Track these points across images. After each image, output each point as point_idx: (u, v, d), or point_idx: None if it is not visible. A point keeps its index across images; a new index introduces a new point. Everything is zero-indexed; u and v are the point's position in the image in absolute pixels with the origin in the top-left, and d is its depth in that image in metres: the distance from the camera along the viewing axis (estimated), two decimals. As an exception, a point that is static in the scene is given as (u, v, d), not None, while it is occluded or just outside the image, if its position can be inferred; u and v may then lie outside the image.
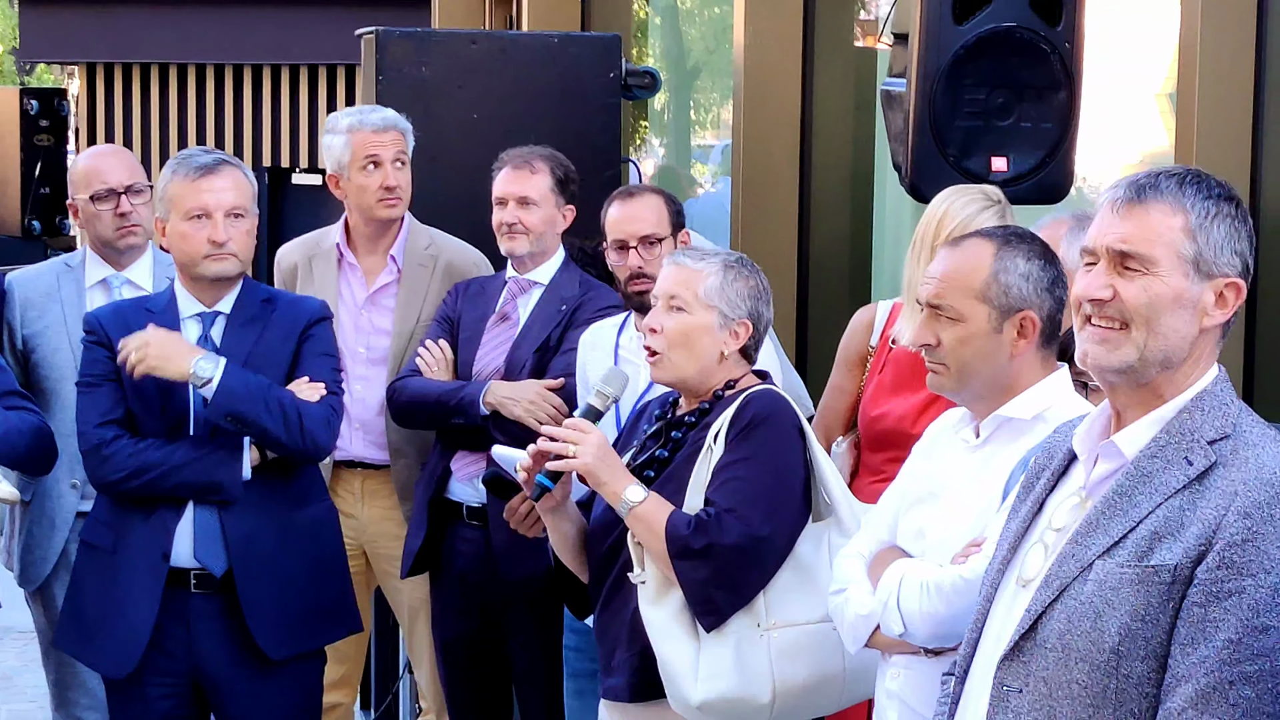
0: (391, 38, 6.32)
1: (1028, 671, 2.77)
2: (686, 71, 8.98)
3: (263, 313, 4.68)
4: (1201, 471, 2.66)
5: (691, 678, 3.86)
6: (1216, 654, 2.57)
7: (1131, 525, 2.68)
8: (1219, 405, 2.74)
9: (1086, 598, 2.69)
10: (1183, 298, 2.71)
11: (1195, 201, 2.73)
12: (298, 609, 4.64)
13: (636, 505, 3.90)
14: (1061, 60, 5.24)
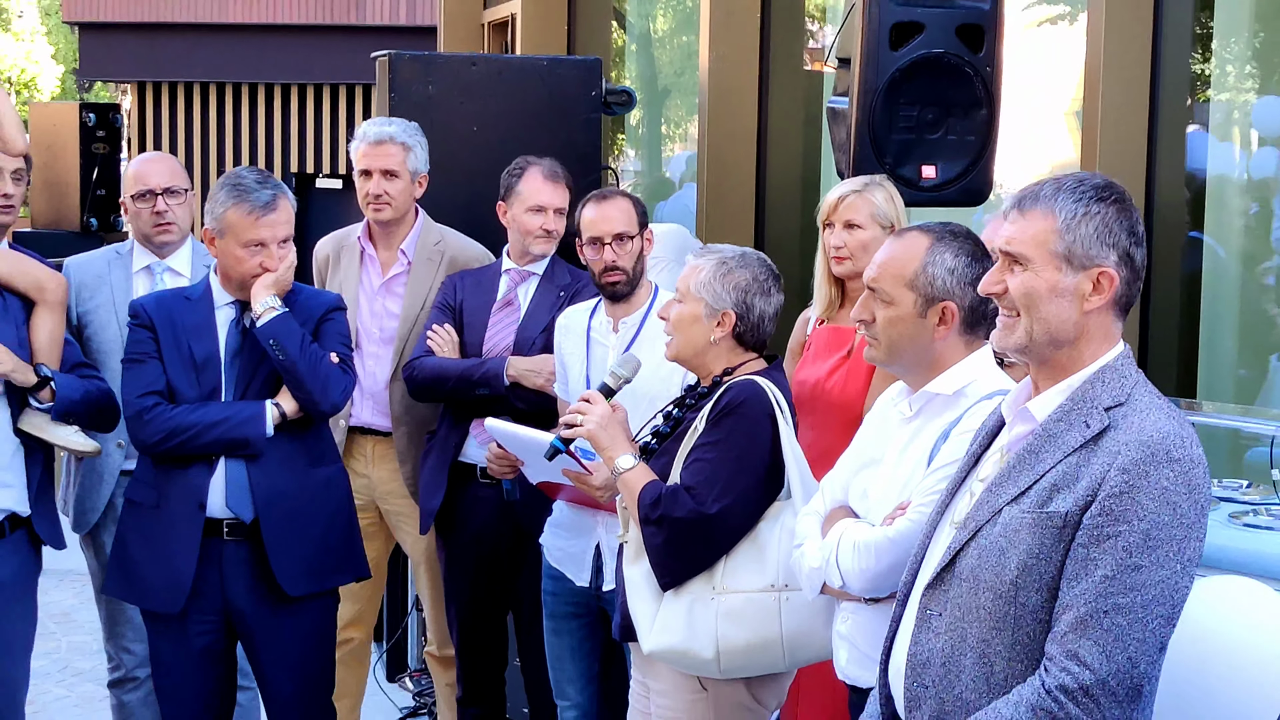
0: (402, 60, 6.31)
1: (946, 598, 2.87)
2: (658, 91, 8.96)
3: (286, 302, 4.67)
4: (1097, 433, 2.76)
5: (648, 629, 3.87)
6: (1095, 587, 2.67)
7: (1036, 478, 2.78)
8: (1118, 377, 2.83)
9: (994, 538, 2.79)
10: (1058, 287, 2.81)
11: (1065, 205, 2.82)
12: (313, 554, 4.65)
13: (624, 472, 3.91)
14: (983, 82, 5.24)
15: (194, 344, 4.63)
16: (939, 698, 2.83)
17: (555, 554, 4.94)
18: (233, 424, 4.55)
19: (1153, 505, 2.65)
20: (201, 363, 4.61)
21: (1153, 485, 2.66)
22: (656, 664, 3.98)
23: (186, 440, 4.54)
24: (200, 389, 4.60)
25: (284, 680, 4.74)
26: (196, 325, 4.65)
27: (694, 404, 4.05)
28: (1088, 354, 2.84)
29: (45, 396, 4.67)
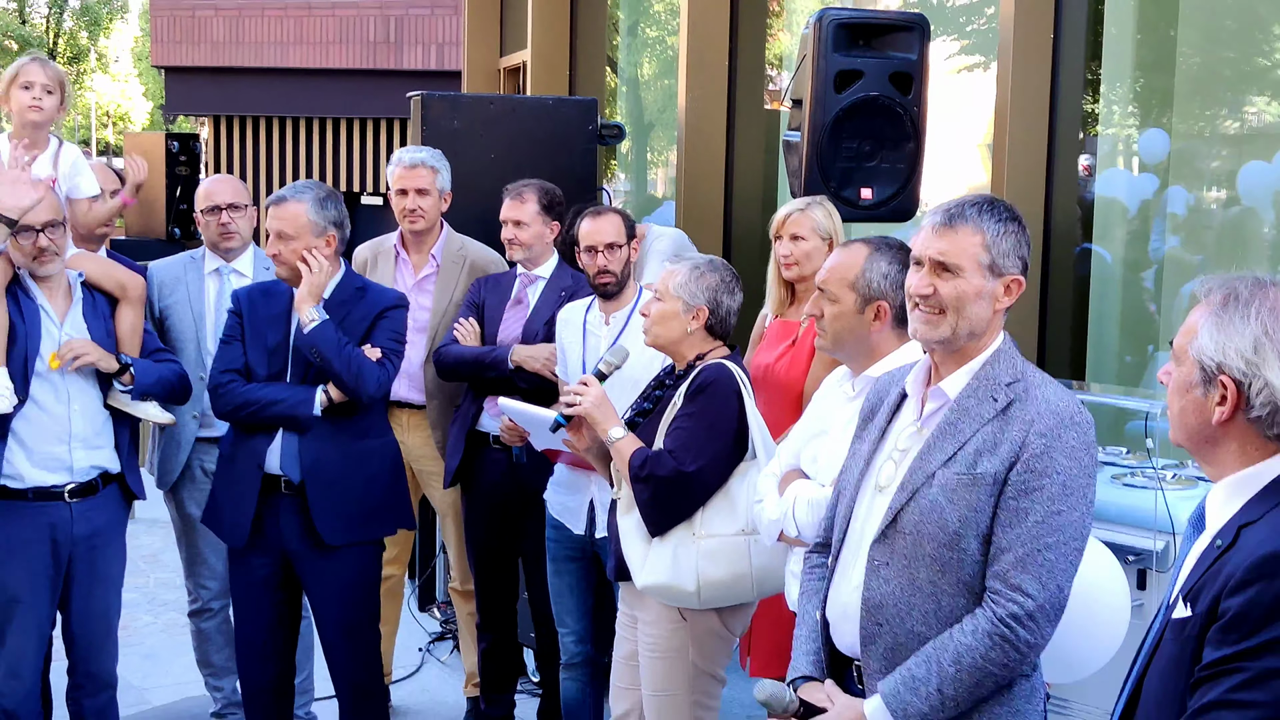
0: (432, 99, 6.32)
1: (892, 550, 2.89)
2: (644, 125, 8.97)
3: (354, 297, 4.69)
4: (1005, 406, 2.82)
5: (640, 569, 3.91)
6: (1028, 532, 2.74)
7: (960, 445, 2.83)
8: (1009, 359, 2.92)
9: (932, 497, 2.83)
10: (982, 291, 2.87)
11: (990, 224, 2.88)
12: (353, 511, 4.65)
13: (617, 441, 3.94)
14: (911, 120, 5.27)
15: (269, 331, 4.66)
16: (893, 632, 2.87)
17: (556, 507, 4.99)
18: (289, 404, 4.58)
19: (1066, 462, 2.76)
20: (273, 348, 4.65)
21: (1065, 445, 2.76)
22: (644, 599, 4.01)
23: (251, 413, 4.61)
24: (270, 369, 4.64)
25: (330, 612, 4.75)
26: (274, 315, 4.68)
27: (672, 384, 4.08)
28: (984, 343, 2.91)
29: (125, 380, 4.70)
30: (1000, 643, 2.73)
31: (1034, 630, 2.74)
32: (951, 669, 2.76)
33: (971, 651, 2.75)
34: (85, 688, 4.88)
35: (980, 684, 2.77)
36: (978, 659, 2.75)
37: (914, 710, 2.79)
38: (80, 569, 4.76)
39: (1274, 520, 2.22)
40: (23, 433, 4.59)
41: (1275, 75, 5.69)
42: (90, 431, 4.72)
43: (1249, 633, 2.16)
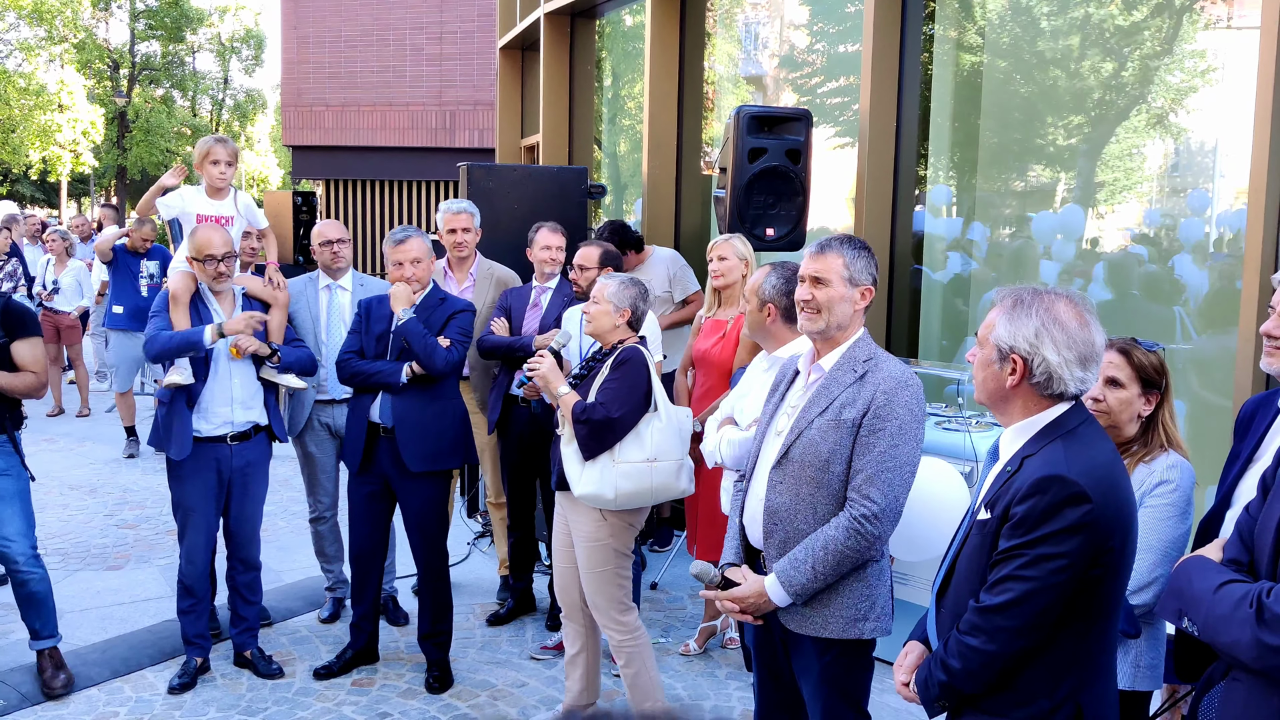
0: (474, 168, 6.28)
1: (784, 473, 2.93)
2: (620, 185, 8.94)
3: (436, 304, 4.68)
4: (861, 375, 2.85)
5: (577, 482, 3.90)
6: (874, 459, 2.78)
7: (830, 401, 2.87)
8: (866, 344, 2.97)
9: (811, 436, 2.87)
10: (844, 297, 2.90)
11: (847, 251, 2.94)
12: (428, 449, 4.65)
13: (562, 395, 3.95)
14: (800, 182, 5.28)
15: (376, 326, 4.66)
16: (784, 530, 2.91)
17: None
18: (384, 375, 4.57)
19: (901, 411, 2.79)
20: (378, 336, 4.65)
21: (900, 400, 2.80)
22: (576, 505, 4.01)
23: (360, 380, 4.62)
24: (376, 351, 4.64)
25: (414, 517, 4.74)
26: (383, 315, 4.67)
27: (600, 359, 4.09)
28: (850, 333, 2.93)
29: (274, 360, 4.71)
30: (854, 534, 2.78)
31: (878, 526, 2.78)
32: (821, 552, 2.80)
33: (834, 540, 2.80)
34: (239, 569, 4.87)
35: (841, 563, 2.81)
36: (839, 545, 2.79)
37: (796, 582, 2.84)
38: (236, 489, 4.76)
39: (1046, 454, 2.24)
40: (204, 397, 4.63)
41: (1049, 150, 5.71)
42: (246, 396, 4.71)
43: (1029, 530, 2.19)
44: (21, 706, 4.47)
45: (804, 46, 7.56)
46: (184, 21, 40.05)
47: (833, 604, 2.88)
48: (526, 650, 5.15)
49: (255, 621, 4.95)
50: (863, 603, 2.89)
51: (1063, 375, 2.25)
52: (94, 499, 7.59)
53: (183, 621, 4.77)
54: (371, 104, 17.32)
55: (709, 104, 7.68)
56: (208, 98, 44.06)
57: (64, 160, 34.85)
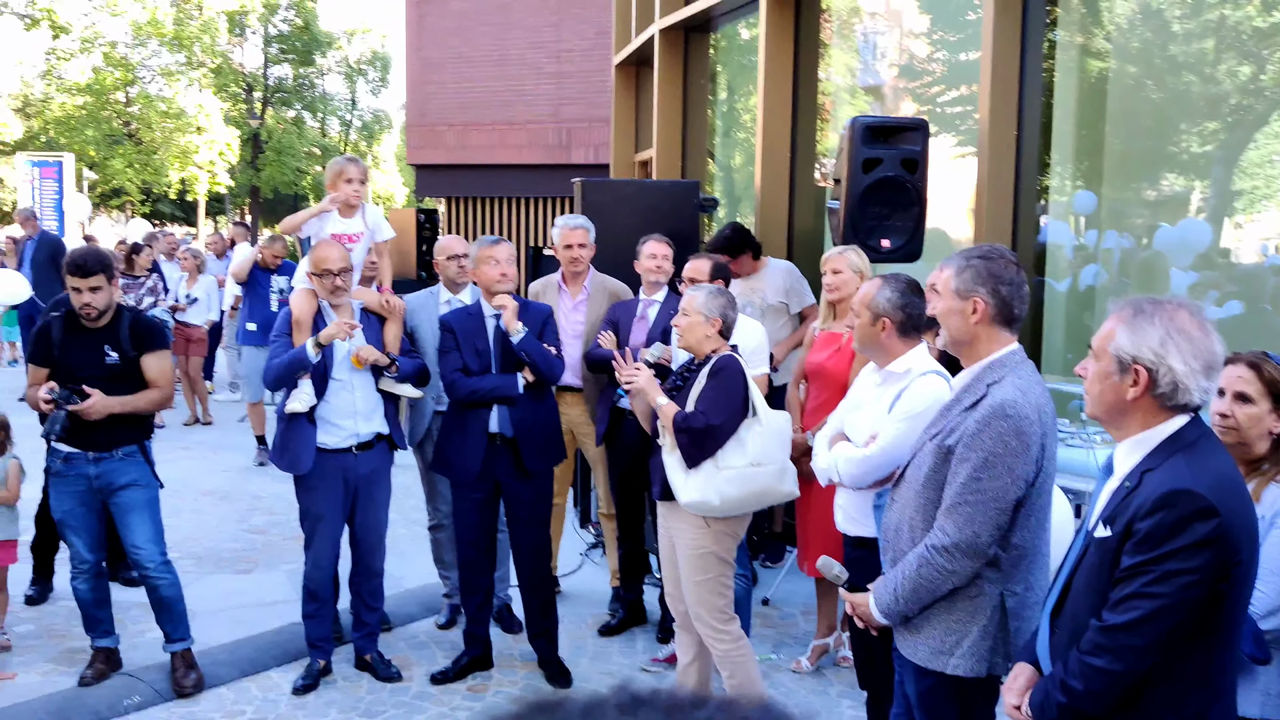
0: (589, 183, 6.38)
1: (899, 493, 2.94)
2: (734, 198, 8.95)
3: (524, 313, 4.79)
4: (978, 399, 2.75)
5: (681, 490, 3.96)
6: (956, 489, 2.71)
7: (943, 425, 2.80)
8: (1000, 366, 2.79)
9: (920, 458, 2.85)
10: (953, 309, 2.81)
11: (956, 263, 2.83)
12: (541, 449, 4.81)
13: (662, 405, 4.02)
14: (916, 192, 5.20)
15: (475, 341, 4.75)
16: (895, 548, 2.90)
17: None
18: (502, 388, 4.70)
19: (991, 442, 2.66)
20: (480, 351, 4.74)
21: (993, 430, 2.67)
22: (678, 514, 4.06)
23: (480, 398, 4.72)
24: (480, 364, 4.73)
25: (523, 520, 4.86)
26: (476, 329, 4.77)
27: (696, 369, 4.11)
28: (982, 350, 2.81)
29: (392, 371, 4.85)
30: (925, 564, 2.73)
31: (949, 559, 2.70)
32: (899, 577, 2.79)
33: (909, 567, 2.77)
34: (362, 576, 5.03)
35: (917, 591, 2.76)
36: (912, 572, 2.76)
37: (882, 601, 2.85)
38: (361, 497, 4.91)
39: (1169, 467, 2.18)
40: (327, 411, 4.77)
41: (1181, 158, 5.52)
42: (368, 408, 4.85)
43: (1155, 545, 2.13)
44: (156, 703, 4.70)
45: (923, 55, 7.47)
46: (314, 45, 41.62)
47: (923, 630, 2.82)
48: (638, 661, 5.18)
49: (376, 626, 5.10)
50: (949, 636, 2.79)
51: (1189, 385, 2.19)
52: (226, 505, 7.93)
53: (307, 625, 4.95)
54: (491, 122, 17.69)
55: (824, 115, 7.64)
56: (336, 118, 45.65)
57: (201, 180, 36.53)
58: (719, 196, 8.77)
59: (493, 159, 17.71)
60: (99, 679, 4.81)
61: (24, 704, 4.63)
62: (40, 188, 22.96)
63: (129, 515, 4.69)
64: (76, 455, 4.60)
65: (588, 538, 6.89)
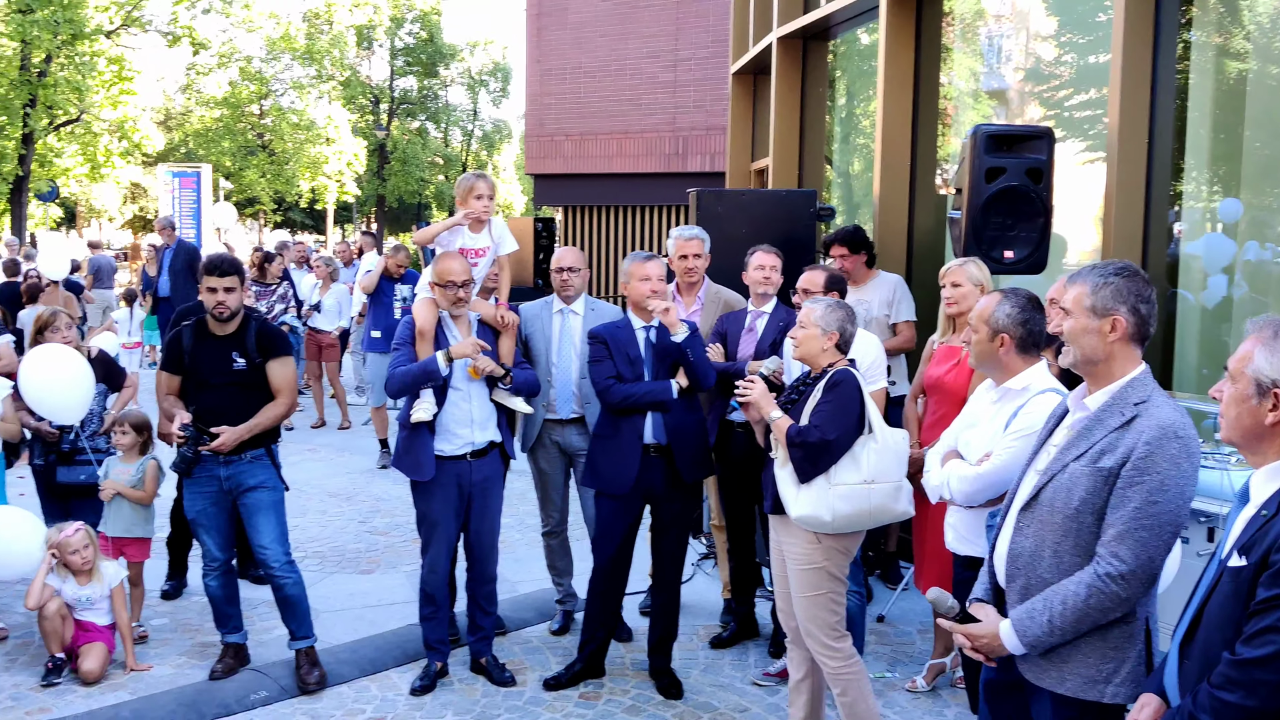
0: (704, 193, 6.37)
1: (1031, 517, 2.79)
2: (853, 205, 8.84)
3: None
4: (1130, 419, 2.64)
5: (792, 504, 3.92)
6: (1128, 514, 2.58)
7: (1089, 446, 2.69)
8: (1141, 385, 2.70)
9: (1063, 481, 2.70)
10: (1089, 329, 2.73)
11: (1090, 278, 2.74)
12: (697, 458, 4.87)
13: (776, 419, 3.99)
14: (1041, 201, 5.07)
15: (628, 350, 4.81)
16: (1026, 576, 2.76)
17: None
18: (656, 394, 4.75)
19: (1165, 465, 2.55)
20: (633, 359, 4.80)
21: (1166, 453, 2.55)
22: (790, 529, 4.02)
23: (632, 403, 4.76)
24: (633, 372, 4.78)
25: (671, 529, 4.91)
26: (627, 339, 4.84)
27: (811, 383, 4.07)
28: (1117, 369, 2.72)
29: (506, 381, 4.93)
30: (1097, 593, 2.59)
31: (1125, 587, 2.57)
32: (1059, 607, 2.64)
33: (1075, 596, 2.62)
34: (478, 580, 5.11)
35: (1080, 622, 2.63)
36: (1079, 602, 2.62)
37: (1030, 633, 2.70)
38: (476, 503, 4.99)
39: None
40: (445, 419, 4.87)
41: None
42: (483, 417, 4.94)
43: None
44: (281, 698, 4.87)
45: (1050, 58, 7.26)
46: (438, 57, 42.66)
47: (1072, 660, 2.70)
48: (749, 675, 5.16)
49: (491, 631, 5.18)
50: (1106, 664, 2.68)
51: None
52: (350, 506, 8.17)
53: (424, 627, 5.07)
54: (608, 132, 17.87)
55: (946, 120, 7.50)
56: (458, 129, 46.67)
57: (330, 189, 37.79)
58: (836, 205, 8.67)
59: (609, 168, 17.88)
60: (228, 674, 5.01)
61: (159, 694, 4.85)
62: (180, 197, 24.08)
63: (256, 516, 4.88)
64: (208, 458, 4.81)
65: (699, 548, 6.88)
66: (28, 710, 4.69)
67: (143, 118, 28.94)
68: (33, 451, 5.72)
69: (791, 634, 4.23)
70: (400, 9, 41.28)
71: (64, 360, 5.39)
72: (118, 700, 4.80)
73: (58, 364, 5.37)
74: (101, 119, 26.72)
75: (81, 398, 5.40)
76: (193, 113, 39.54)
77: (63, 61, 24.59)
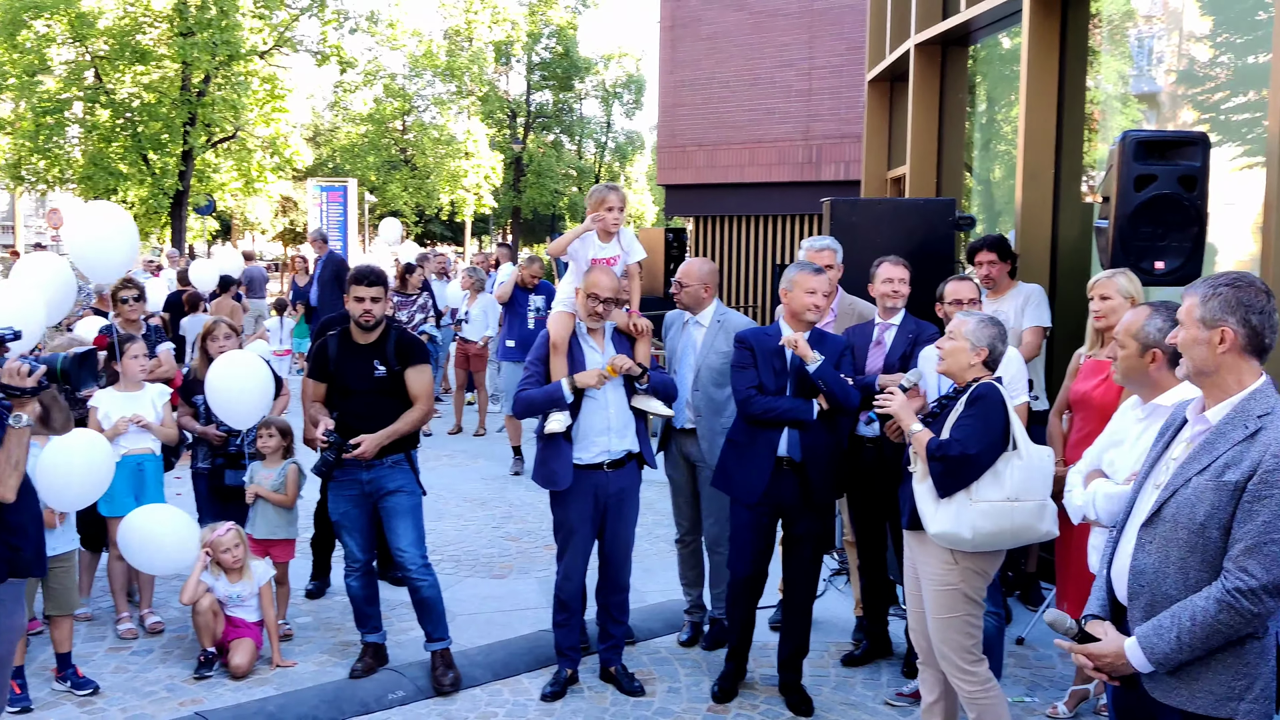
0: (838, 202, 6.30)
1: (1154, 533, 2.72)
2: (994, 213, 8.60)
3: (820, 341, 4.79)
4: (1254, 432, 2.58)
5: (932, 522, 3.84)
6: (1257, 528, 2.52)
7: (1212, 460, 2.64)
8: (1263, 397, 2.66)
9: (1187, 496, 2.64)
10: (1198, 340, 2.72)
11: (1201, 291, 2.71)
12: (831, 479, 4.81)
13: (916, 432, 3.92)
14: (1195, 210, 4.85)
15: (774, 360, 4.78)
16: (1150, 593, 2.69)
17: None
18: (796, 412, 4.70)
19: None
20: (778, 370, 4.76)
21: None
22: (924, 547, 3.95)
23: (773, 418, 4.73)
24: (776, 384, 4.75)
25: (805, 544, 4.85)
26: (774, 350, 4.80)
27: (954, 397, 3.99)
28: (1234, 381, 2.67)
29: (643, 381, 4.95)
30: (1227, 608, 2.52)
31: (1256, 602, 2.50)
32: (1188, 623, 2.57)
33: (1204, 612, 2.55)
34: (610, 589, 5.15)
35: (1210, 638, 2.56)
36: (1209, 618, 2.55)
37: (1158, 650, 2.63)
38: (611, 513, 5.03)
39: None
40: (583, 427, 4.92)
41: None
42: (621, 424, 4.98)
43: None
44: (417, 699, 5.00)
45: (1205, 59, 6.93)
46: (574, 71, 43.36)
47: (1202, 677, 2.62)
48: (881, 695, 5.05)
49: (621, 639, 5.21)
50: (1238, 681, 2.60)
51: None
52: (484, 511, 8.34)
53: (557, 634, 5.13)
54: (741, 141, 17.84)
55: (1092, 125, 7.23)
56: (592, 141, 47.30)
57: (468, 202, 38.77)
58: (976, 214, 8.45)
59: (742, 178, 17.85)
60: (367, 673, 5.17)
61: (303, 690, 5.04)
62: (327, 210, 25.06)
63: (394, 520, 5.02)
64: (350, 462, 4.98)
65: (831, 563, 6.78)
66: (180, 701, 4.93)
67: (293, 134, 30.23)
68: (196, 455, 6.02)
69: (925, 654, 4.13)
70: (538, 24, 42.11)
71: (249, 366, 5.68)
72: (264, 695, 5.00)
73: (244, 369, 5.65)
74: (255, 135, 28.02)
75: (262, 403, 5.68)
76: (340, 129, 41.13)
77: (220, 81, 25.90)
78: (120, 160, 25.71)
